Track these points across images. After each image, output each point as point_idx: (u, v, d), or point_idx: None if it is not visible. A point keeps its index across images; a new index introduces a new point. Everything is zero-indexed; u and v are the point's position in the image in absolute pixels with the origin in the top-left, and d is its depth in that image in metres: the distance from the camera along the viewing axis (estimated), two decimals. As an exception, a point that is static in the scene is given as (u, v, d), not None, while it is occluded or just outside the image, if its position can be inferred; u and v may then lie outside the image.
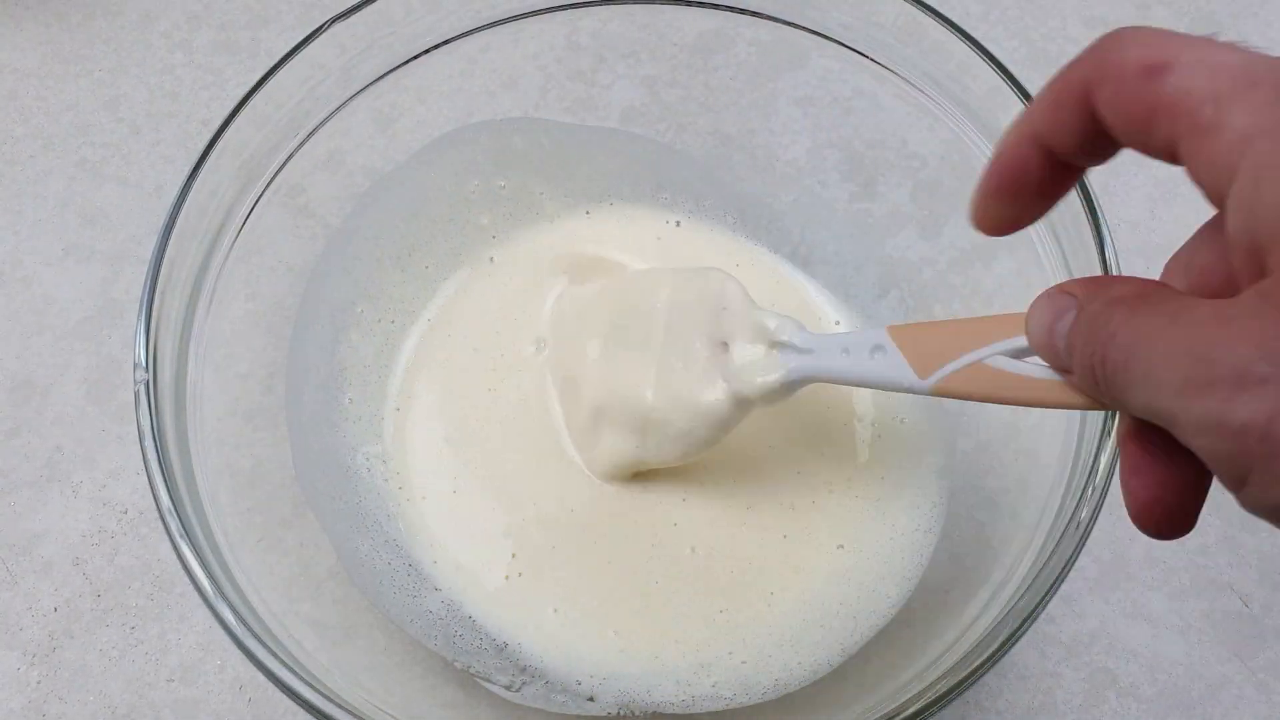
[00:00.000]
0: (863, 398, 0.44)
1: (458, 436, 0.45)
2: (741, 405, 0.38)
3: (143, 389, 0.35)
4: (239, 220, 0.40)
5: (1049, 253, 0.38)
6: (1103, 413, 0.34)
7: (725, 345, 0.39)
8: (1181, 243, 0.24)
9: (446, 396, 0.45)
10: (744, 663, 0.40)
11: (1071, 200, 0.37)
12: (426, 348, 0.47)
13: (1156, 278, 0.24)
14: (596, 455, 0.43)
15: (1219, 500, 0.48)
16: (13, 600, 0.45)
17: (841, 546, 0.42)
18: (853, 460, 0.43)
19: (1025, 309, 0.25)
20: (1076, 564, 0.32)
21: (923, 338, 0.32)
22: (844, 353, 0.35)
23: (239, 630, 0.32)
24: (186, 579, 0.33)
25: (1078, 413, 0.36)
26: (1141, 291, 0.22)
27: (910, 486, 0.43)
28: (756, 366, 0.38)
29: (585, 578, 0.42)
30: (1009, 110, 0.39)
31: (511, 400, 0.45)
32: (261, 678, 0.32)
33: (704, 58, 0.46)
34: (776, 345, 0.38)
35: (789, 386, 0.37)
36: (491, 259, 0.48)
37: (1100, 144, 0.23)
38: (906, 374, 0.31)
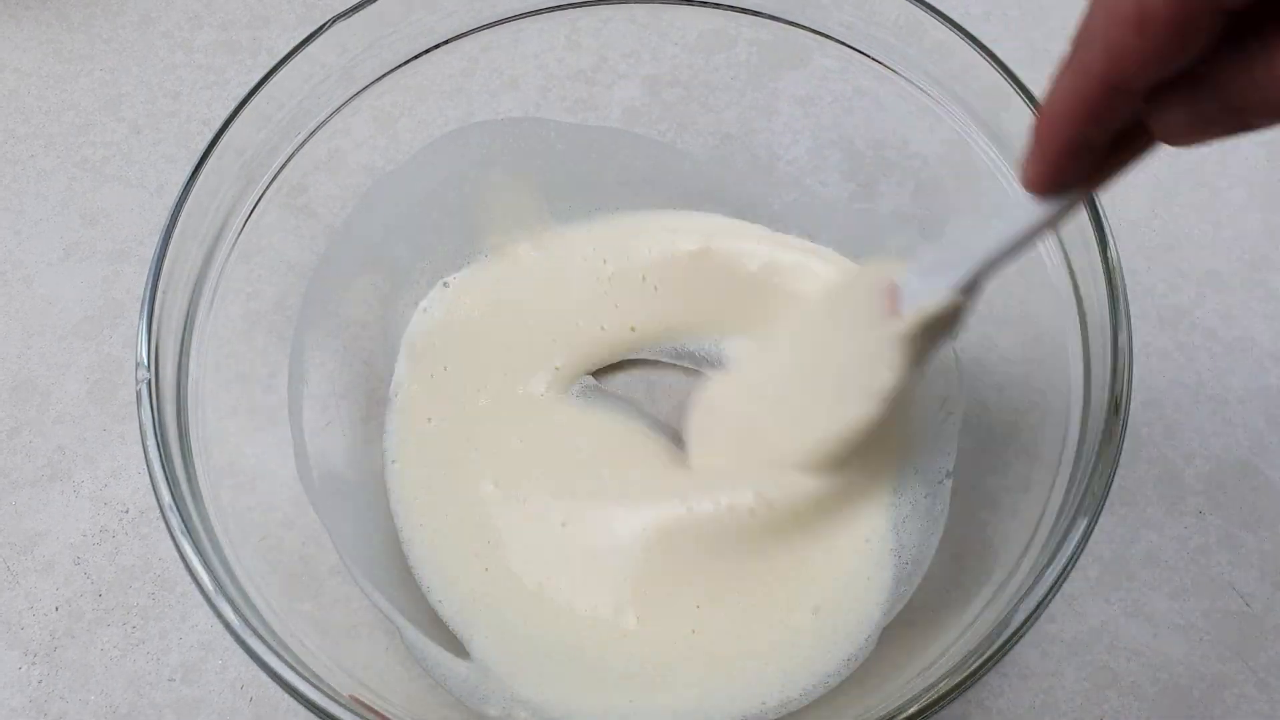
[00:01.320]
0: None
1: (456, 434, 0.45)
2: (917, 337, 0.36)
3: (144, 388, 0.35)
4: (240, 220, 0.40)
5: (1050, 252, 0.38)
6: (1105, 415, 0.34)
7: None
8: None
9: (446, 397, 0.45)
10: (743, 664, 0.40)
11: (1072, 200, 0.37)
12: (428, 349, 0.47)
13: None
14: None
15: (1219, 500, 0.47)
16: (14, 599, 0.45)
17: (842, 547, 0.42)
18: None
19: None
20: (1078, 563, 0.32)
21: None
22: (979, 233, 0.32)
23: (240, 628, 0.32)
24: (188, 578, 0.33)
25: (1077, 413, 0.36)
26: None
27: (912, 486, 0.43)
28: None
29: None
30: (1010, 110, 0.39)
31: (515, 399, 0.45)
32: (263, 677, 0.32)
33: (704, 58, 0.46)
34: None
35: (958, 296, 0.34)
36: (490, 259, 0.48)
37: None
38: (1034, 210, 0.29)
